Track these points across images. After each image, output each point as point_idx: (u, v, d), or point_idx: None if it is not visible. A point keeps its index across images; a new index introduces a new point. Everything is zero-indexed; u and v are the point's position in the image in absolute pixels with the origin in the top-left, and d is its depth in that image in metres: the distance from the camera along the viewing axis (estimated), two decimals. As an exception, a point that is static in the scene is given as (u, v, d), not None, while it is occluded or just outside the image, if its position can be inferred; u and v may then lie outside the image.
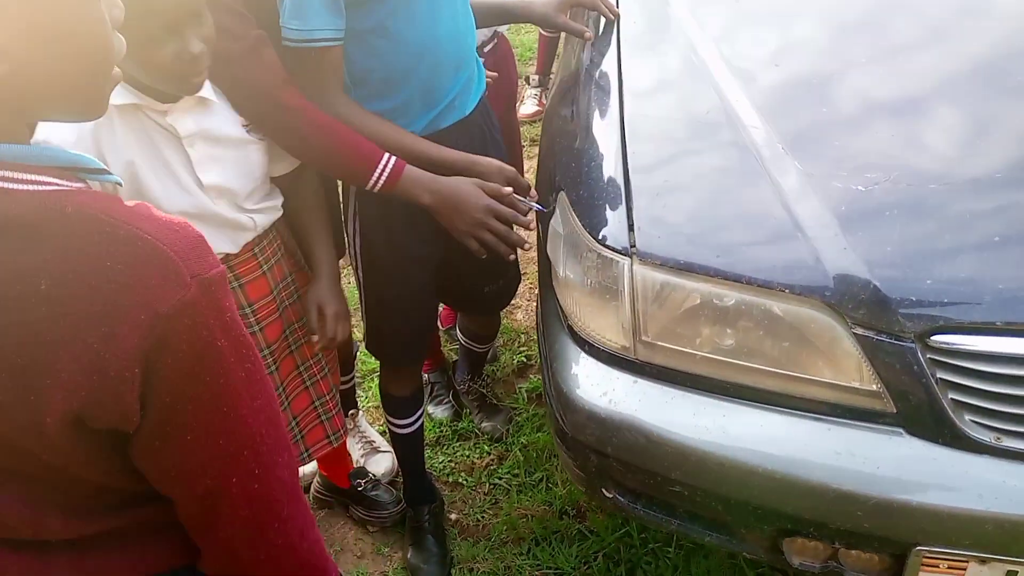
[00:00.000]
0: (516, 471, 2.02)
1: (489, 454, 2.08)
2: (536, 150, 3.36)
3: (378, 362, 1.80)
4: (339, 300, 1.43)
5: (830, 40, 1.52)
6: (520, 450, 2.06)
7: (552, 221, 1.38)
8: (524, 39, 4.32)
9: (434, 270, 1.57)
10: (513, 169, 1.36)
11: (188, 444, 0.66)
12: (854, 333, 1.09)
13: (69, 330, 0.59)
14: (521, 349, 2.38)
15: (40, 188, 0.60)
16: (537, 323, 1.55)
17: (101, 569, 0.74)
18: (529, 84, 3.65)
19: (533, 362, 2.34)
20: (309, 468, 1.98)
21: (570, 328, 1.33)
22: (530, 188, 1.38)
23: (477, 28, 1.47)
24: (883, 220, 1.12)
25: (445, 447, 2.12)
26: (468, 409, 2.19)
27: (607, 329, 1.26)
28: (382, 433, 2.09)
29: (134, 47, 1.06)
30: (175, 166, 1.19)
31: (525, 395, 2.23)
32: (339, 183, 1.57)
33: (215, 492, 0.69)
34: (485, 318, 2.00)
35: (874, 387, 1.10)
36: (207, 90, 1.20)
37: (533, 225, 1.45)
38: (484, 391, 2.19)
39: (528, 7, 1.61)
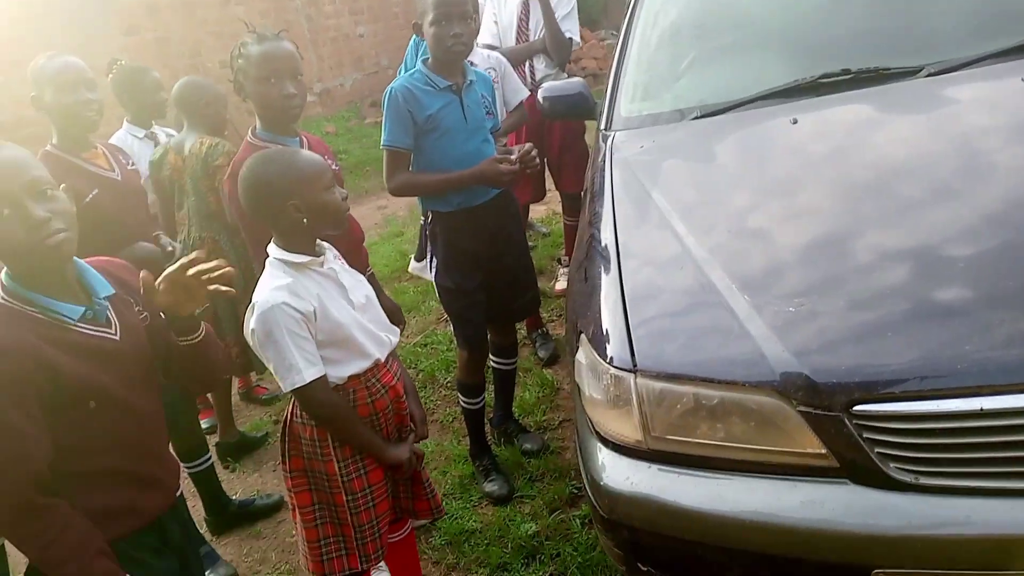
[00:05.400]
0: (575, 586, 2.33)
1: (551, 574, 2.40)
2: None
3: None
4: (422, 409, 2.02)
5: (758, 208, 2.01)
6: (577, 567, 2.38)
7: (577, 356, 1.85)
8: (556, 228, 5.02)
9: (482, 290, 2.65)
10: (499, 157, 2.47)
11: None
12: (799, 411, 1.50)
13: None
14: (572, 482, 2.75)
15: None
16: (575, 437, 1.96)
17: None
18: (561, 264, 4.27)
19: (583, 493, 2.69)
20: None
21: (597, 433, 1.75)
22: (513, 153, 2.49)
23: None
24: (807, 330, 1.57)
25: (512, 573, 2.44)
26: (514, 440, 3.01)
27: (625, 429, 1.68)
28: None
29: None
30: (336, 295, 1.77)
31: (578, 522, 2.57)
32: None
33: None
34: (508, 328, 2.95)
35: (822, 450, 1.49)
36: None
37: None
38: (519, 423, 3.10)
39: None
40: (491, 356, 2.94)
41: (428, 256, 2.64)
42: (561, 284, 4.14)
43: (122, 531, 1.43)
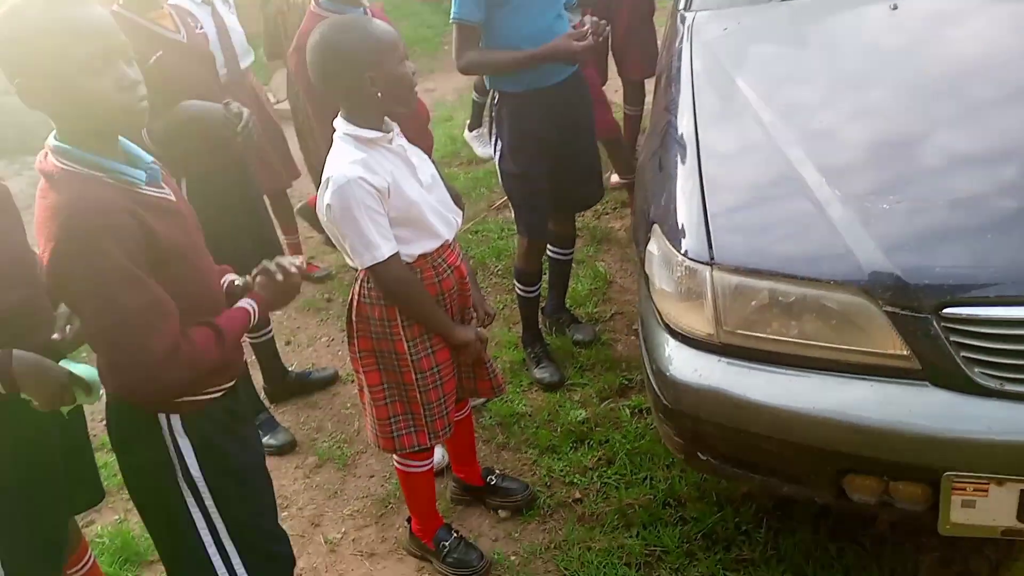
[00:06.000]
0: (623, 472, 2.38)
1: (599, 459, 2.45)
2: (627, 211, 3.84)
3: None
4: (481, 294, 2.04)
5: (852, 99, 1.91)
6: (625, 454, 2.43)
7: (648, 246, 1.81)
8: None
9: (547, 178, 2.57)
10: (572, 32, 2.33)
11: None
12: (884, 311, 1.45)
13: None
14: (623, 373, 2.77)
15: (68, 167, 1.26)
16: (639, 327, 1.95)
17: None
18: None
19: (633, 384, 2.72)
20: (438, 457, 2.33)
21: (666, 325, 1.73)
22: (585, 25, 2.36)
23: None
24: (900, 228, 1.50)
25: (560, 456, 2.50)
26: (565, 330, 3.02)
27: (695, 322, 1.66)
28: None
29: None
30: (407, 173, 1.74)
31: (628, 411, 2.60)
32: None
33: None
34: (568, 217, 2.89)
35: (904, 352, 1.45)
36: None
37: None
38: (571, 313, 3.08)
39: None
40: (548, 245, 2.92)
41: (492, 139, 2.56)
42: (617, 177, 4.03)
43: (218, 383, 1.45)
